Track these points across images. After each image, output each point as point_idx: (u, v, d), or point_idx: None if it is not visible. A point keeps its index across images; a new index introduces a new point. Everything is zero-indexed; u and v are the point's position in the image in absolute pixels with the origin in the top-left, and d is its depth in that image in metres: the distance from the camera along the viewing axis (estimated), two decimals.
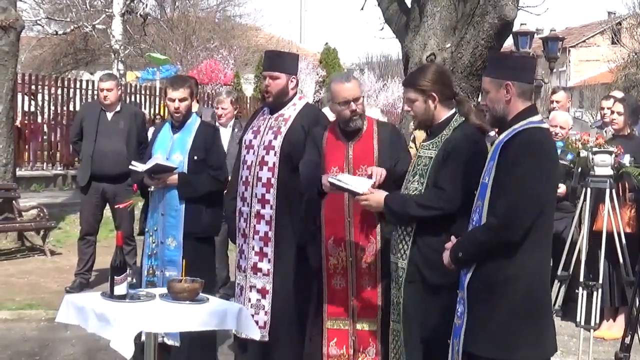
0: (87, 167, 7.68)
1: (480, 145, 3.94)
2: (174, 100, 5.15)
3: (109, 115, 7.73)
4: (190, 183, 5.11)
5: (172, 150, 5.20)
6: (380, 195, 4.06)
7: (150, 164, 5.05)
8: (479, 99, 8.35)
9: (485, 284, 3.30)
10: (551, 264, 3.74)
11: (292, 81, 4.98)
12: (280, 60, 5.06)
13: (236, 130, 7.24)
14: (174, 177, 5.08)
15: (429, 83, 4.01)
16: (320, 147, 4.63)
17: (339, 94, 4.50)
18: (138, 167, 5.18)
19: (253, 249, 4.89)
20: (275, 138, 4.87)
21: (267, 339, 4.78)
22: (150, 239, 5.21)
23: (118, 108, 7.78)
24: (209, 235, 5.30)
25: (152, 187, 5.15)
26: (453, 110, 4.07)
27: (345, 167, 4.53)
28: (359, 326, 4.54)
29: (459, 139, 3.93)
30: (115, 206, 7.48)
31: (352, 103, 4.48)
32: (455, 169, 3.84)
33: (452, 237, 3.51)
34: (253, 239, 4.89)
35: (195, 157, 5.14)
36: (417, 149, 4.31)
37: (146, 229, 5.25)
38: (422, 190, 3.95)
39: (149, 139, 6.00)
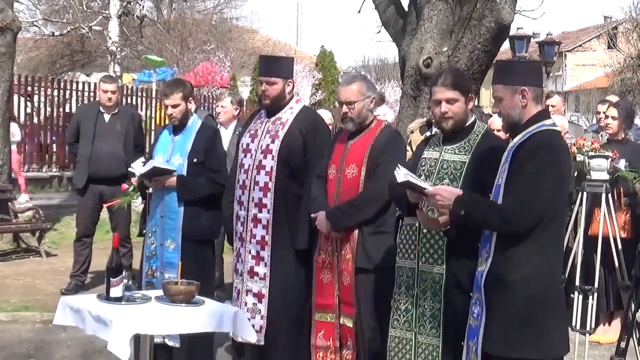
0: (85, 169, 7.66)
1: None
2: (167, 107, 5.20)
3: (107, 117, 7.73)
4: (188, 186, 5.11)
5: (172, 153, 5.20)
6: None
7: (148, 167, 5.06)
8: (476, 102, 8.35)
9: (499, 284, 3.34)
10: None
11: (288, 85, 4.98)
12: (276, 65, 5.07)
13: (237, 133, 7.23)
14: (173, 180, 5.08)
15: (471, 86, 4.02)
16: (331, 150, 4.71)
17: (338, 94, 4.69)
18: (136, 169, 5.19)
19: (250, 253, 4.89)
20: (272, 142, 4.87)
21: (262, 342, 4.77)
22: (149, 240, 5.21)
23: (115, 110, 7.78)
24: (208, 238, 5.30)
25: (151, 188, 5.17)
26: (474, 116, 4.05)
27: (340, 164, 4.57)
28: (342, 320, 4.57)
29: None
30: (103, 204, 7.55)
31: (344, 105, 4.54)
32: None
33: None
34: (250, 242, 4.88)
35: (195, 160, 5.14)
36: (412, 152, 4.28)
37: (145, 231, 5.25)
38: None
39: (152, 142, 6.03)
